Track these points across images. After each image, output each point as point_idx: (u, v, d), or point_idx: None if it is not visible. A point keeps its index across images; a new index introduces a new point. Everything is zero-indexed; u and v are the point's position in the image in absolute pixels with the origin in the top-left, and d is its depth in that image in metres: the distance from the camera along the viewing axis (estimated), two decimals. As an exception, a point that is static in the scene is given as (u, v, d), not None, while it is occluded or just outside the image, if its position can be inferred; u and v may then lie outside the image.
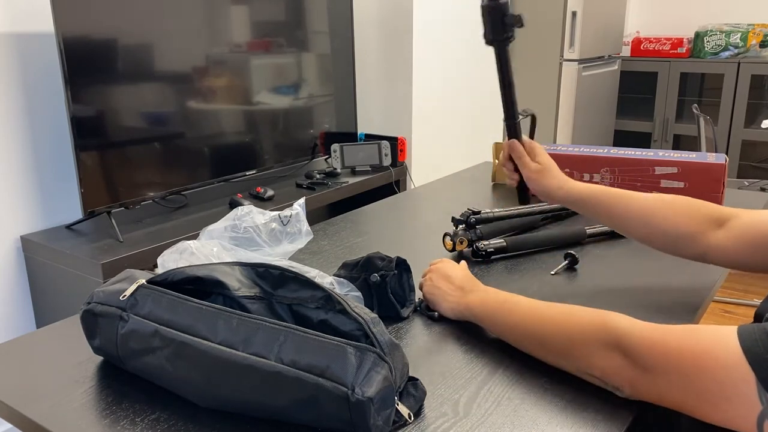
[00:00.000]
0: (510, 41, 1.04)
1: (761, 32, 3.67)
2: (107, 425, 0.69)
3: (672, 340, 0.66)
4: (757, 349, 0.60)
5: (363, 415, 0.63)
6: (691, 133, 3.66)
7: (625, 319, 0.72)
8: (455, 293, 0.92)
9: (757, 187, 3.06)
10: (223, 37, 2.13)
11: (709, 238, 0.94)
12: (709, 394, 0.63)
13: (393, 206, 1.51)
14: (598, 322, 0.73)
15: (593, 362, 0.73)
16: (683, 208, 0.96)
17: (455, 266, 0.97)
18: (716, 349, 0.63)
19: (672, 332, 0.67)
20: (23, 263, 1.93)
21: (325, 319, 0.73)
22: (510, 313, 0.83)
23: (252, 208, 1.03)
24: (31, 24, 1.87)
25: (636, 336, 0.69)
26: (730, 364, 0.61)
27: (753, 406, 0.60)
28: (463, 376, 0.78)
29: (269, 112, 2.36)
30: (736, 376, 0.61)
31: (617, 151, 1.44)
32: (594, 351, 0.72)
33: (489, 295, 0.88)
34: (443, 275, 0.95)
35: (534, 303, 0.83)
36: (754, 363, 0.60)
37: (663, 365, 0.66)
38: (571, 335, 0.75)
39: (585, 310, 0.77)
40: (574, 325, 0.75)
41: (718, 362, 0.62)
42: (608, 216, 1.01)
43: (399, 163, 2.64)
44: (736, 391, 0.61)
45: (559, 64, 3.32)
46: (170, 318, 0.73)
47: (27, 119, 1.90)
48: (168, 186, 2.02)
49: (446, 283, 0.94)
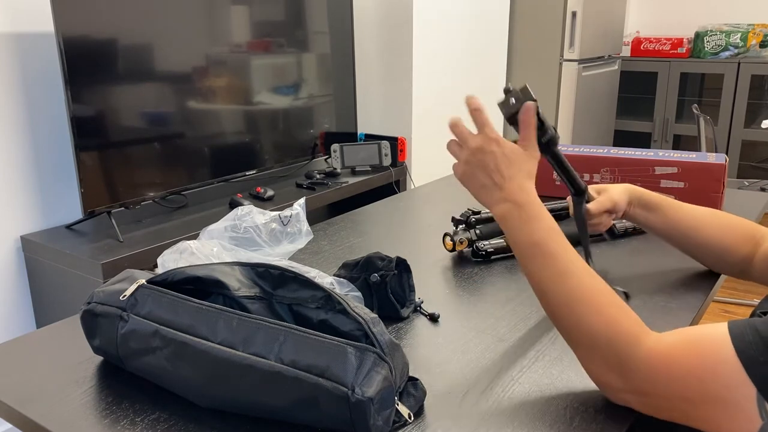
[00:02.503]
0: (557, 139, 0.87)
1: (761, 32, 3.67)
2: (107, 425, 0.69)
3: (677, 367, 0.64)
4: (749, 351, 0.60)
5: (363, 415, 0.63)
6: (691, 133, 3.66)
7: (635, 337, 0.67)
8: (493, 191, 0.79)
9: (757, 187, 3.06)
10: (223, 37, 2.13)
11: (748, 256, 0.95)
12: (713, 416, 0.62)
13: (393, 206, 1.51)
14: (614, 333, 0.68)
15: (589, 368, 0.71)
16: (728, 223, 0.97)
17: (500, 154, 0.79)
18: (720, 369, 0.61)
19: (677, 355, 0.64)
20: (23, 263, 1.93)
21: (325, 319, 0.72)
22: (543, 264, 0.73)
23: (252, 208, 1.03)
24: (31, 24, 1.87)
25: (637, 360, 0.66)
26: (732, 384, 0.60)
27: (753, 421, 0.60)
28: (463, 376, 0.78)
29: (269, 112, 2.36)
30: (738, 395, 0.60)
31: (617, 151, 1.44)
32: (593, 359, 0.70)
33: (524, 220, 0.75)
34: (483, 166, 0.79)
35: (570, 267, 0.72)
36: (754, 376, 0.59)
37: (665, 392, 0.65)
38: (582, 327, 0.70)
39: (622, 312, 0.69)
40: (592, 319, 0.69)
41: (724, 384, 0.61)
42: (670, 229, 1.01)
43: (399, 163, 2.64)
44: (738, 410, 0.60)
45: (559, 64, 3.32)
46: (170, 318, 0.73)
47: (27, 119, 1.90)
48: (168, 186, 2.02)
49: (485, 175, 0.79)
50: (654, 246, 1.19)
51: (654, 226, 1.03)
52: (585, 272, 0.72)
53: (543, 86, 3.39)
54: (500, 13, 3.26)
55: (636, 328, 0.68)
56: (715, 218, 0.98)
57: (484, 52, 3.19)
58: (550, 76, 3.35)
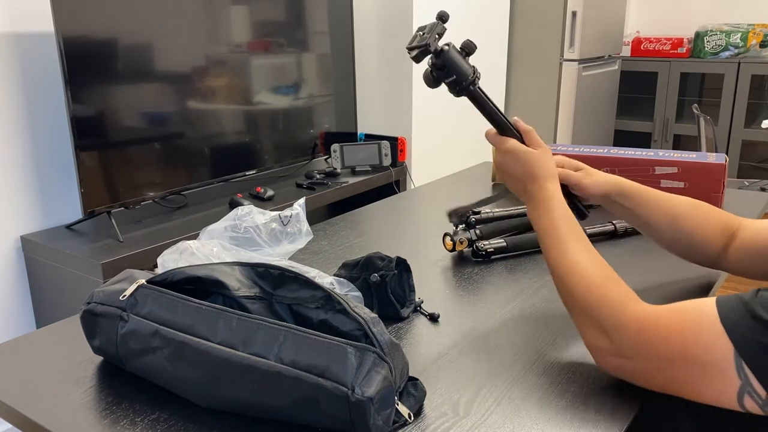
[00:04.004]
0: (475, 83, 0.90)
1: (761, 32, 3.67)
2: (107, 425, 0.69)
3: (660, 329, 0.68)
4: (732, 316, 0.63)
5: (363, 415, 0.62)
6: (691, 133, 3.66)
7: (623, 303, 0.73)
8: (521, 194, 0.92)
9: (757, 187, 3.06)
10: (223, 37, 2.13)
11: (724, 247, 0.95)
12: (693, 377, 0.65)
13: (393, 206, 1.51)
14: (604, 300, 0.74)
15: (583, 333, 0.76)
16: (706, 215, 0.96)
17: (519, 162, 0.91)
18: (702, 332, 0.64)
19: (661, 318, 0.68)
20: (23, 263, 1.93)
21: (325, 319, 0.72)
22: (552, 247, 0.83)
23: (252, 208, 1.03)
24: (31, 24, 1.87)
25: (625, 323, 0.70)
26: (712, 344, 0.63)
27: (732, 382, 0.62)
28: (464, 376, 0.78)
29: (269, 112, 2.36)
30: (718, 356, 0.63)
31: (617, 151, 1.44)
32: (586, 325, 0.75)
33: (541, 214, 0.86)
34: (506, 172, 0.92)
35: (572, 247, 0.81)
36: (733, 336, 0.62)
37: (649, 353, 0.68)
38: (578, 295, 0.76)
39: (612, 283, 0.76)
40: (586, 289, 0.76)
41: (704, 346, 0.64)
42: (632, 213, 0.98)
43: (399, 163, 2.64)
44: (718, 370, 0.63)
45: (559, 64, 3.32)
46: (170, 318, 0.73)
47: (27, 119, 1.90)
48: (168, 186, 2.02)
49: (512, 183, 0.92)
50: (654, 246, 1.19)
51: (628, 218, 1.00)
52: (586, 252, 0.80)
53: (543, 86, 3.39)
54: (500, 13, 3.26)
55: (626, 296, 0.74)
56: (692, 210, 0.96)
57: (484, 52, 3.19)
58: (550, 76, 3.35)
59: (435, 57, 0.87)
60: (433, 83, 0.91)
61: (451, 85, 0.89)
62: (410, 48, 0.87)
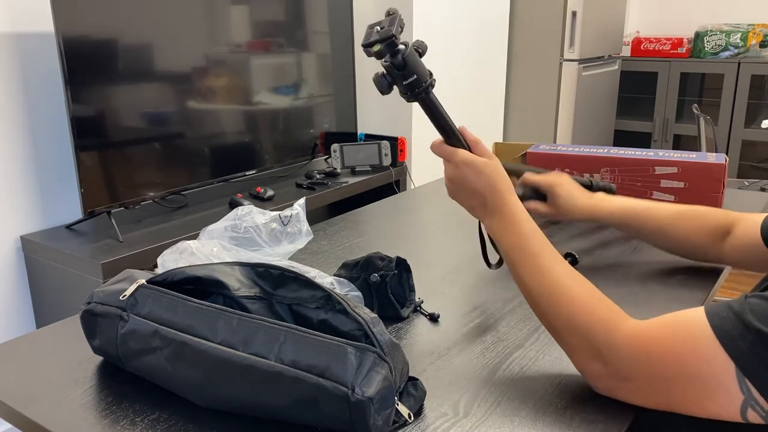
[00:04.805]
0: (432, 86, 0.82)
1: (761, 32, 3.67)
2: (107, 425, 0.69)
3: (654, 346, 0.66)
4: (725, 327, 0.61)
5: (363, 415, 0.62)
6: (691, 133, 3.66)
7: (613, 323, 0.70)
8: (478, 209, 0.85)
9: (757, 187, 3.06)
10: (223, 37, 2.13)
11: (720, 247, 0.99)
12: (693, 393, 0.63)
13: (393, 206, 1.51)
14: (593, 322, 0.71)
15: (574, 358, 0.74)
16: (695, 220, 1.02)
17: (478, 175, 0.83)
18: (697, 346, 0.63)
19: (653, 335, 0.66)
20: (23, 263, 1.93)
21: (325, 319, 0.72)
22: (525, 264, 0.78)
23: (252, 208, 1.03)
24: (31, 24, 1.87)
25: (617, 345, 0.68)
26: (710, 358, 0.62)
27: (735, 397, 0.61)
28: (464, 376, 0.78)
29: (269, 112, 2.36)
30: (717, 370, 0.61)
31: (617, 151, 1.44)
32: (577, 349, 0.72)
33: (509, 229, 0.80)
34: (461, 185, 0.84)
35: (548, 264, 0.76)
36: (731, 351, 0.61)
37: (646, 373, 0.66)
38: (562, 319, 0.73)
39: (597, 301, 0.72)
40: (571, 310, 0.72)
41: (701, 360, 0.62)
42: (639, 235, 1.09)
43: (399, 163, 2.64)
44: (718, 385, 0.62)
45: (559, 64, 3.32)
46: (170, 318, 0.73)
47: (27, 119, 1.90)
48: (168, 186, 2.02)
49: (468, 197, 0.84)
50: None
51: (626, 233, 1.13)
52: (563, 269, 0.76)
53: (543, 86, 3.39)
54: (500, 13, 3.26)
55: (613, 315, 0.71)
56: (682, 219, 1.03)
57: (484, 52, 3.19)
58: (550, 76, 3.35)
59: (392, 56, 0.78)
60: (387, 88, 0.81)
61: (408, 86, 0.80)
62: (372, 42, 0.77)
